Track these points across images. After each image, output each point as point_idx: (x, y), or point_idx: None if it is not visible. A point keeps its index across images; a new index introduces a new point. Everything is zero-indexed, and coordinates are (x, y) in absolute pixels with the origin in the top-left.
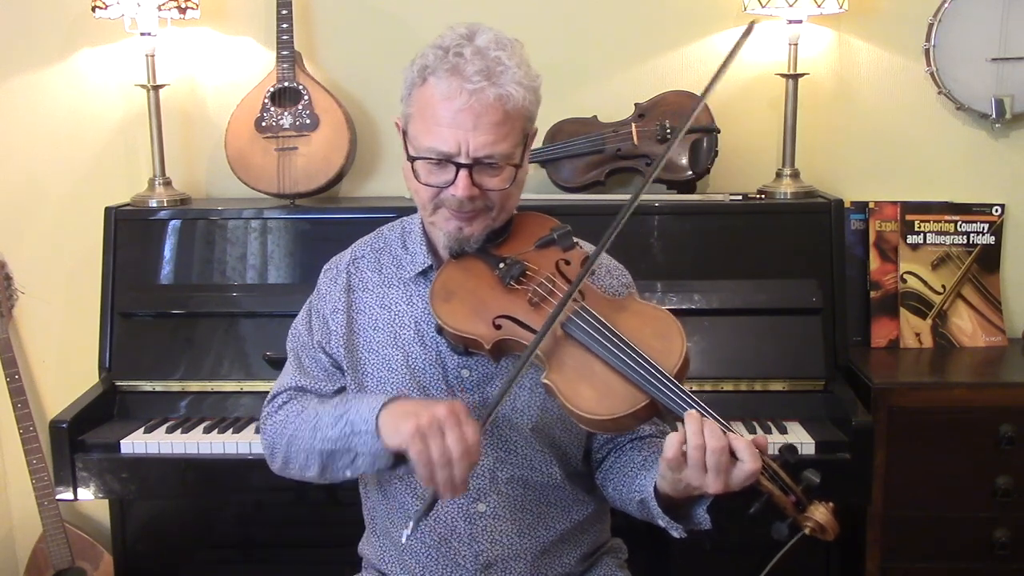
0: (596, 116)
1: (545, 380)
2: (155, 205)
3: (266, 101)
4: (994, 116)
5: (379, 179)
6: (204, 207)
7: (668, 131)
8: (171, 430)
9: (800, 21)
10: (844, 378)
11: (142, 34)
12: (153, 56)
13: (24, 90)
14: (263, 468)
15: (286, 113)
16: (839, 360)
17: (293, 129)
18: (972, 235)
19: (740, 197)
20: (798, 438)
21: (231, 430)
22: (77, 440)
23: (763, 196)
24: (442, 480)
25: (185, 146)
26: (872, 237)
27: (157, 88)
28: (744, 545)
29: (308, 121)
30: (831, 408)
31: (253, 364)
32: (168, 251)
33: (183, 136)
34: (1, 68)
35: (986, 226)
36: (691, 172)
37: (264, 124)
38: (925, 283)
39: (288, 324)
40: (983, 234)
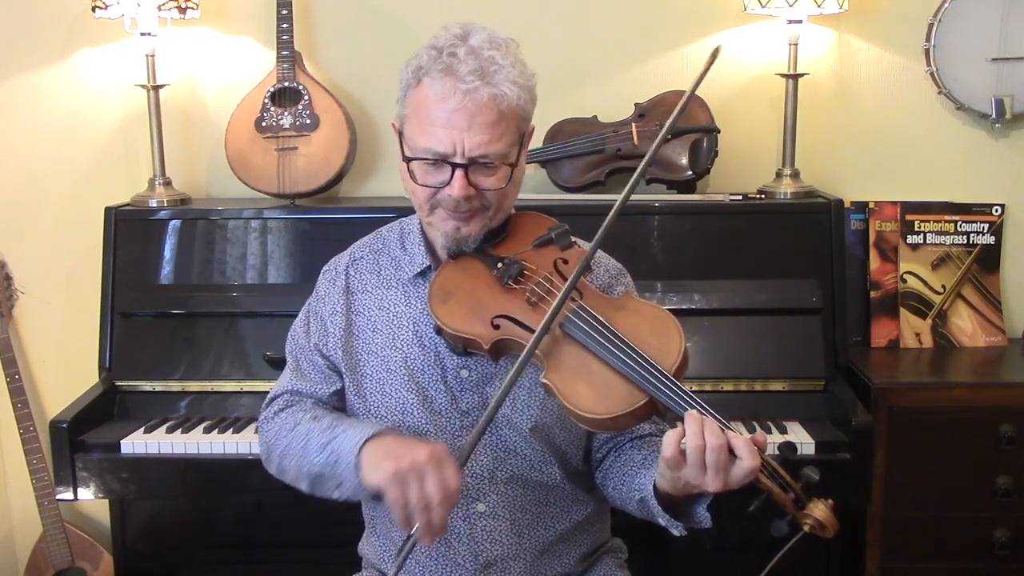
0: (596, 116)
1: (544, 380)
2: (155, 205)
3: (266, 101)
4: (994, 116)
5: (379, 179)
6: (204, 207)
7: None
8: (171, 430)
9: (800, 21)
10: (844, 378)
11: (142, 34)
12: (153, 56)
13: (24, 90)
14: (263, 468)
15: (286, 113)
16: (839, 360)
17: (293, 129)
18: (972, 235)
19: (740, 197)
20: (798, 438)
21: (231, 430)
22: (77, 440)
23: (763, 196)
24: (420, 524)
25: (185, 146)
26: (872, 237)
27: (157, 88)
28: (744, 544)
29: (308, 121)
30: (831, 408)
31: (253, 364)
32: (168, 251)
33: (183, 136)
34: (1, 68)
35: (986, 226)
36: (691, 172)
37: (264, 124)
38: (925, 283)
39: (288, 324)
40: (983, 234)
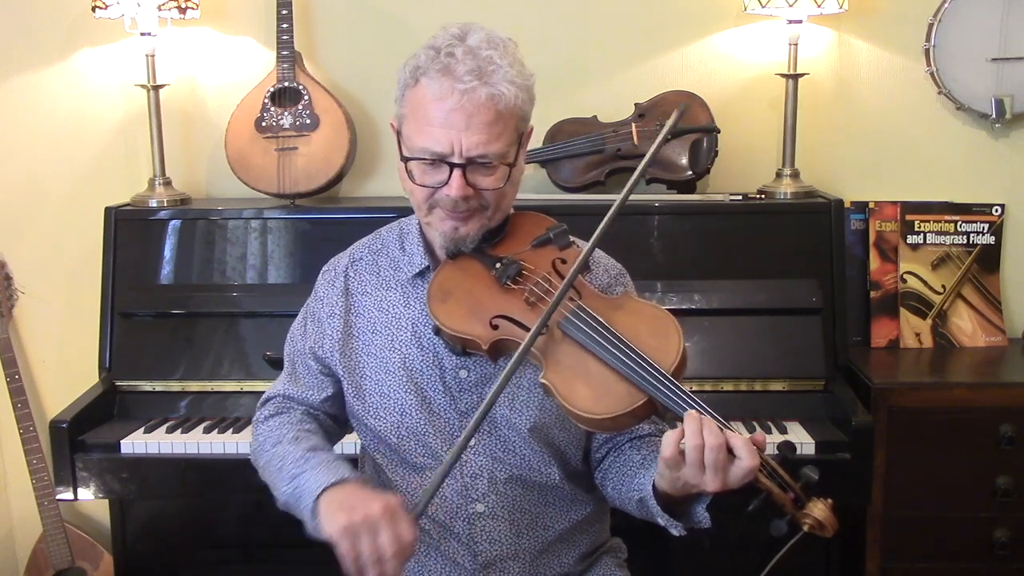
0: (596, 116)
1: (542, 380)
2: (155, 205)
3: (266, 101)
4: (994, 116)
5: (379, 179)
6: (204, 207)
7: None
8: (171, 430)
9: (800, 21)
10: (844, 378)
11: (142, 34)
12: (153, 56)
13: (24, 90)
14: None
15: (286, 113)
16: (839, 360)
17: (293, 129)
18: (972, 235)
19: (740, 197)
20: (798, 438)
21: (231, 430)
22: (77, 440)
23: (763, 196)
24: None
25: (185, 146)
26: (872, 237)
27: (157, 88)
28: (744, 543)
29: (308, 121)
30: (831, 408)
31: (253, 364)
32: (168, 251)
33: (183, 136)
34: (1, 68)
35: (986, 226)
36: (691, 172)
37: (264, 124)
38: (925, 283)
39: (288, 324)
40: (983, 234)
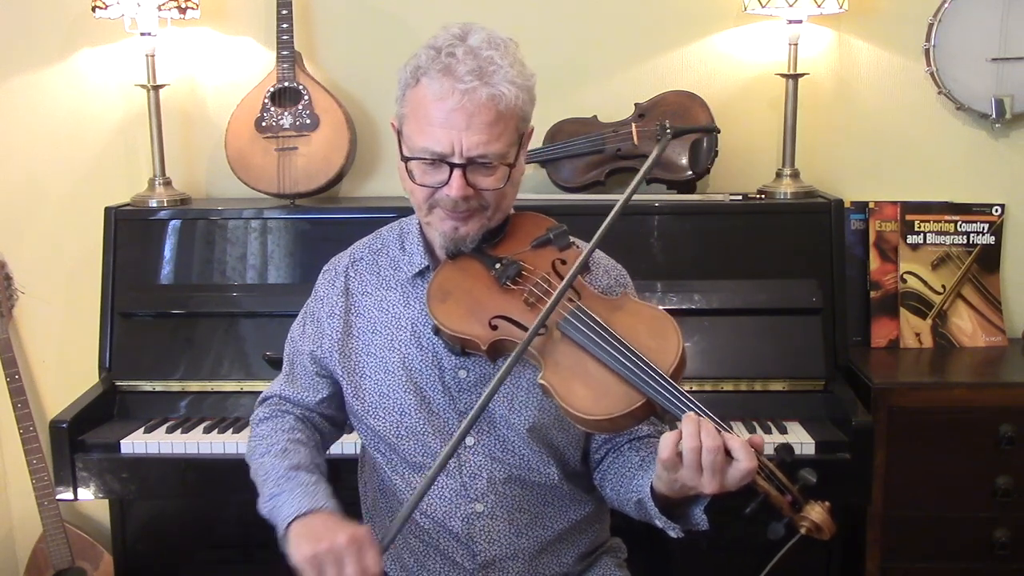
0: (596, 116)
1: (541, 380)
2: (155, 205)
3: (266, 101)
4: (994, 116)
5: (379, 179)
6: (204, 207)
7: (668, 131)
8: (171, 430)
9: (800, 21)
10: (844, 378)
11: (142, 34)
12: (153, 56)
13: (24, 90)
14: None
15: (286, 113)
16: (839, 360)
17: (293, 129)
18: (972, 235)
19: (740, 197)
20: (798, 438)
21: (231, 430)
22: (77, 440)
23: (763, 196)
24: None
25: (185, 146)
26: (872, 237)
27: (157, 88)
28: (743, 544)
29: (308, 121)
30: (831, 408)
31: (253, 364)
32: (168, 251)
33: (183, 136)
34: (1, 68)
35: (986, 226)
36: (691, 172)
37: (264, 124)
38: (925, 283)
39: (288, 324)
40: (983, 234)
